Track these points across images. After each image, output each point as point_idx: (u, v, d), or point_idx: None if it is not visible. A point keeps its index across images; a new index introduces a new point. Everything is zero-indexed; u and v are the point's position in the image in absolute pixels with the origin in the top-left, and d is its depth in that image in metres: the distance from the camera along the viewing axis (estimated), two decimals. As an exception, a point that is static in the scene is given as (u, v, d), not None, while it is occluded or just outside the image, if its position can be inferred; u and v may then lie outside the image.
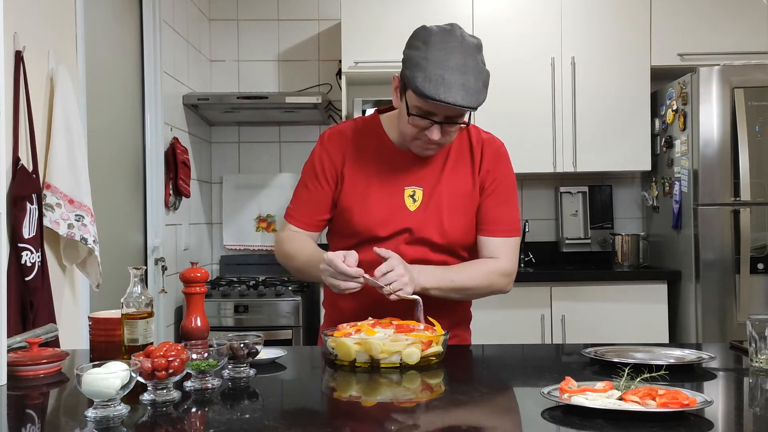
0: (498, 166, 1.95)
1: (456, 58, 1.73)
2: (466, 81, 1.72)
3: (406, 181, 1.90)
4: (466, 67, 1.73)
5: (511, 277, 1.95)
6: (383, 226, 1.89)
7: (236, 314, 3.73)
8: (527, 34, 4.07)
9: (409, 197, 1.90)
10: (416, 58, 1.74)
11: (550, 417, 1.22)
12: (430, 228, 1.89)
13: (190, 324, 1.68)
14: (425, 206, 1.90)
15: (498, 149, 1.97)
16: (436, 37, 1.75)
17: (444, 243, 1.90)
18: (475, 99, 1.74)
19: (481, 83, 1.77)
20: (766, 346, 1.54)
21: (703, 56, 3.99)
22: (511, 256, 1.93)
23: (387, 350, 1.58)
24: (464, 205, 1.91)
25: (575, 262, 4.36)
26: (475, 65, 1.76)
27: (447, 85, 1.70)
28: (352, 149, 1.94)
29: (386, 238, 1.89)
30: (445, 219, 1.89)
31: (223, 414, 1.30)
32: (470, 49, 1.77)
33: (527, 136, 4.05)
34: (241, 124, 4.50)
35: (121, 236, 3.24)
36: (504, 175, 1.95)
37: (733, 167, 3.63)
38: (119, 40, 3.30)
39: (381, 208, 1.89)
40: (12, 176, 2.17)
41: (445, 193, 1.90)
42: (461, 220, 1.91)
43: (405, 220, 1.89)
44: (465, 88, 1.72)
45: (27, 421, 1.34)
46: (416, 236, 1.89)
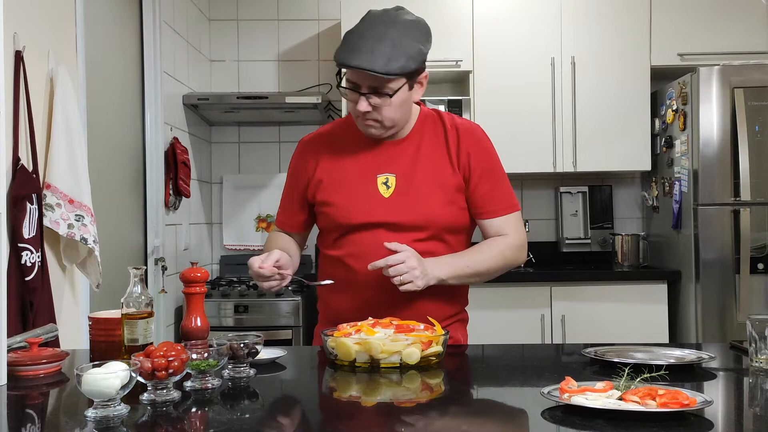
0: (479, 149, 1.95)
1: (374, 28, 1.79)
2: (377, 47, 1.75)
3: (378, 169, 1.93)
4: (384, 36, 1.77)
5: (524, 248, 1.98)
6: (359, 215, 1.90)
7: (236, 314, 3.73)
8: (527, 34, 4.07)
9: (382, 184, 1.91)
10: (346, 35, 1.82)
11: (550, 417, 1.22)
12: (406, 212, 1.89)
13: (190, 324, 1.68)
14: (399, 192, 1.90)
15: (475, 132, 1.98)
16: (372, 14, 1.83)
17: (423, 227, 1.89)
18: (381, 63, 1.75)
19: (401, 53, 1.77)
20: (766, 346, 1.54)
21: (702, 56, 3.99)
22: (517, 228, 1.96)
23: (387, 350, 1.58)
24: (443, 189, 1.91)
25: (575, 262, 4.36)
26: (397, 36, 1.78)
27: (355, 51, 1.76)
28: (326, 149, 1.99)
29: (365, 227, 1.90)
30: (420, 202, 1.89)
31: (223, 414, 1.30)
32: (401, 24, 1.80)
33: (527, 136, 4.05)
34: (241, 124, 4.50)
35: (121, 236, 3.24)
36: (487, 157, 1.96)
37: (733, 167, 3.63)
38: (119, 40, 3.30)
39: (356, 197, 1.91)
40: (12, 176, 2.17)
41: (420, 178, 1.90)
42: (440, 203, 1.90)
43: (380, 207, 1.90)
44: (372, 53, 1.75)
45: (27, 421, 1.34)
46: (393, 222, 1.89)
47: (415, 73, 1.85)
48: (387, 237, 1.87)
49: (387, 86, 1.81)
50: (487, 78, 4.07)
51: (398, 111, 1.87)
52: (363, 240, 1.90)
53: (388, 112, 1.85)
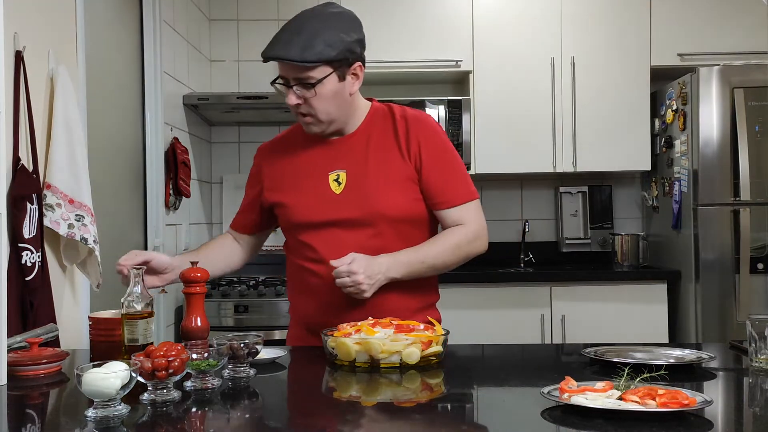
0: (429, 139, 1.93)
1: (296, 21, 1.81)
2: (294, 37, 1.78)
3: (329, 166, 1.93)
4: (302, 27, 1.79)
5: (483, 238, 1.95)
6: (313, 212, 1.90)
7: (236, 314, 3.73)
8: (527, 34, 4.07)
9: (333, 181, 1.91)
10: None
11: (550, 417, 1.22)
12: (358, 207, 1.88)
13: (190, 324, 1.68)
14: (350, 187, 1.90)
15: (425, 123, 1.96)
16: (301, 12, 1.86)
17: (377, 221, 1.87)
18: (296, 52, 1.77)
19: (318, 41, 1.78)
20: (766, 346, 1.54)
21: (702, 56, 3.99)
22: (475, 217, 1.93)
23: (387, 350, 1.58)
24: (395, 181, 1.89)
25: (575, 262, 4.36)
26: (314, 26, 1.79)
27: (273, 42, 1.80)
28: (280, 153, 2.01)
29: (320, 225, 1.90)
30: (372, 195, 1.87)
31: (223, 414, 1.30)
32: (324, 16, 1.82)
33: (527, 136, 4.05)
34: (241, 124, 4.50)
35: (121, 236, 3.24)
36: (439, 146, 1.94)
37: (733, 167, 3.63)
38: (119, 40, 3.30)
39: (309, 196, 1.92)
40: (12, 176, 2.17)
41: (370, 172, 1.89)
42: (393, 196, 1.88)
43: (332, 204, 1.89)
44: (289, 43, 1.77)
45: (27, 421, 1.35)
46: (347, 218, 1.88)
47: (342, 63, 1.83)
48: (342, 235, 1.87)
49: (309, 75, 1.81)
50: (487, 78, 4.07)
51: (330, 103, 1.85)
52: (319, 239, 1.89)
53: (318, 103, 1.84)
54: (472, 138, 4.04)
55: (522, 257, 4.36)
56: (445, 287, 2.07)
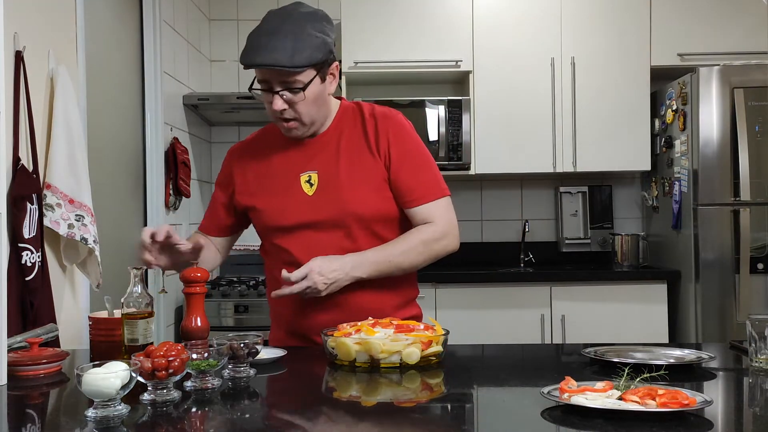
0: (398, 136, 1.91)
1: (271, 24, 1.79)
2: (275, 41, 1.75)
3: (301, 168, 1.91)
4: (280, 30, 1.76)
5: (452, 236, 1.92)
6: (286, 215, 1.89)
7: (236, 314, 3.73)
8: (527, 34, 4.07)
9: (305, 183, 1.90)
10: (248, 36, 1.81)
11: (550, 417, 1.22)
12: (330, 208, 1.86)
13: (190, 324, 1.68)
14: (322, 188, 1.88)
15: (393, 120, 1.93)
16: (270, 12, 1.83)
17: (352, 221, 1.86)
18: (286, 58, 1.74)
19: (304, 44, 1.76)
20: (766, 346, 1.54)
21: (702, 56, 3.99)
22: (443, 215, 1.90)
23: (387, 350, 1.58)
24: (366, 181, 1.88)
25: (575, 262, 4.36)
26: (294, 28, 1.77)
27: (256, 49, 1.76)
28: (251, 155, 1.99)
29: (294, 228, 1.89)
30: (344, 195, 1.86)
31: (223, 414, 1.30)
32: (296, 16, 1.79)
33: (527, 136, 4.05)
34: (241, 124, 4.50)
35: (121, 236, 3.24)
36: (407, 144, 1.91)
37: (733, 167, 3.64)
38: (119, 40, 3.30)
39: (280, 198, 1.90)
40: (12, 176, 2.17)
41: (342, 172, 1.88)
42: (364, 195, 1.87)
43: (304, 205, 1.88)
44: (275, 48, 1.74)
45: (27, 421, 1.35)
46: (320, 220, 1.87)
47: (324, 65, 1.82)
48: (316, 236, 1.86)
49: (297, 80, 1.79)
50: (487, 78, 4.07)
51: (314, 106, 1.85)
52: (293, 242, 1.88)
53: (303, 107, 1.83)
54: (472, 138, 4.04)
55: (522, 257, 4.36)
56: (445, 287, 2.07)
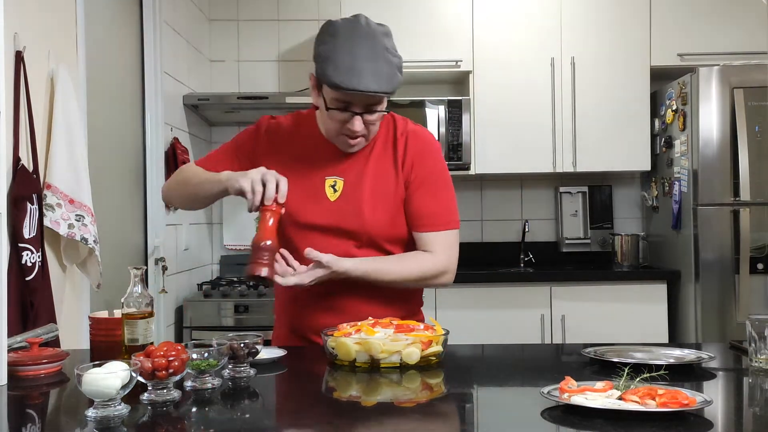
0: (424, 158, 1.89)
1: (364, 45, 1.74)
2: (377, 67, 1.72)
3: (328, 171, 1.90)
4: (375, 54, 1.74)
5: (450, 273, 1.91)
6: (304, 214, 1.88)
7: (236, 314, 3.73)
8: (527, 34, 4.08)
9: (329, 187, 1.89)
10: (325, 53, 1.77)
11: (550, 417, 1.22)
12: (349, 218, 1.86)
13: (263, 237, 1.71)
14: (345, 197, 1.87)
15: (424, 141, 1.92)
16: (342, 28, 1.78)
17: (364, 235, 1.86)
18: (387, 84, 1.74)
19: (395, 68, 1.76)
20: (765, 346, 1.54)
21: (702, 56, 3.99)
22: (445, 249, 1.88)
23: (387, 350, 1.58)
24: (386, 197, 1.87)
25: (575, 262, 4.36)
26: (383, 51, 1.75)
27: (358, 73, 1.71)
28: (282, 141, 1.95)
29: (307, 227, 1.87)
30: (365, 210, 1.86)
31: (223, 414, 1.30)
32: (377, 35, 1.77)
33: (527, 136, 4.05)
34: (241, 124, 4.50)
35: (121, 236, 3.24)
36: (431, 167, 1.90)
37: (733, 167, 3.64)
38: (119, 40, 3.30)
39: (301, 195, 1.88)
40: (12, 176, 2.17)
41: (367, 185, 1.87)
42: (383, 212, 1.87)
43: (324, 210, 1.87)
44: (376, 74, 1.72)
45: (27, 420, 1.35)
46: (336, 227, 1.86)
47: None
48: (327, 241, 1.84)
49: (382, 103, 1.79)
50: (487, 78, 4.07)
51: (380, 123, 1.86)
52: (305, 241, 1.86)
53: (375, 126, 1.84)
54: (472, 138, 4.04)
55: (522, 257, 4.36)
56: (445, 287, 2.06)
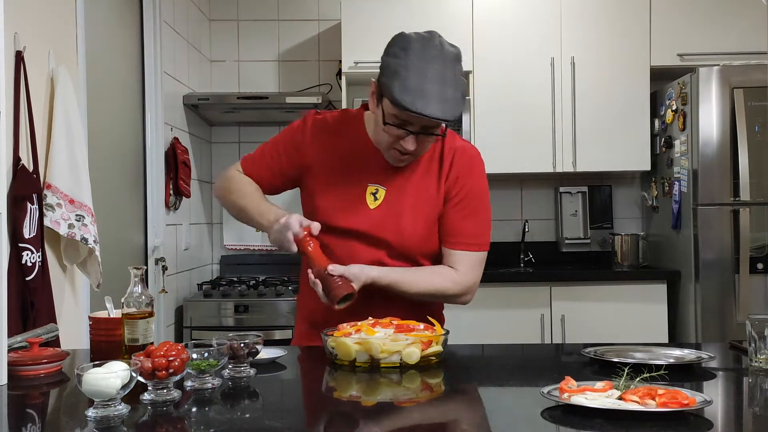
0: (468, 176, 1.89)
1: (435, 67, 1.70)
2: (444, 92, 1.69)
3: (371, 178, 1.88)
4: (445, 78, 1.70)
5: (470, 294, 1.90)
6: (341, 218, 1.87)
7: (236, 314, 3.73)
8: (527, 34, 4.07)
9: (371, 194, 1.88)
10: (394, 66, 1.70)
11: (550, 417, 1.22)
12: (386, 229, 1.86)
13: None
14: (385, 206, 1.87)
15: (471, 159, 1.91)
16: (415, 44, 1.72)
17: (399, 247, 1.86)
18: (452, 111, 1.70)
19: (460, 94, 1.73)
20: (765, 346, 1.54)
21: (702, 56, 3.99)
22: (471, 269, 1.87)
23: (387, 350, 1.58)
24: (426, 212, 1.87)
25: (575, 262, 4.36)
26: (453, 76, 1.72)
27: (425, 97, 1.67)
28: (328, 139, 1.92)
29: (343, 232, 1.87)
30: (403, 222, 1.85)
31: (223, 414, 1.30)
32: (449, 59, 1.73)
33: (527, 135, 4.05)
34: (242, 124, 4.50)
35: (121, 236, 3.24)
36: (472, 186, 1.89)
37: (733, 167, 3.64)
38: (119, 40, 3.30)
39: (342, 199, 1.88)
40: (12, 176, 2.17)
41: (408, 197, 1.87)
42: (420, 225, 1.87)
43: (362, 217, 1.87)
44: (443, 100, 1.68)
45: (27, 420, 1.35)
46: (372, 235, 1.86)
47: None
48: (362, 248, 1.85)
49: (440, 126, 1.77)
50: (486, 78, 4.07)
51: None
52: (339, 245, 1.87)
53: (427, 146, 1.83)
54: (472, 138, 4.04)
55: (522, 257, 4.36)
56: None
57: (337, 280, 1.72)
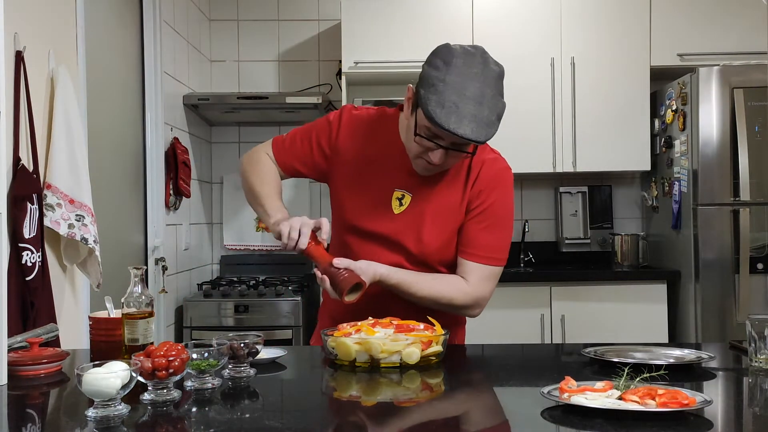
0: (492, 189, 1.86)
1: (474, 86, 1.66)
2: (480, 113, 1.65)
3: (398, 183, 1.87)
4: (483, 98, 1.67)
5: (478, 309, 1.88)
6: (365, 219, 1.87)
7: (236, 314, 3.73)
8: (527, 34, 4.07)
9: (396, 199, 1.88)
10: (433, 79, 1.67)
11: (550, 417, 1.22)
12: (408, 235, 1.85)
13: None
14: (409, 212, 1.86)
15: (498, 172, 1.88)
16: (459, 59, 1.68)
17: (419, 254, 1.86)
18: (485, 133, 1.66)
19: (495, 116, 1.69)
20: (765, 346, 1.54)
21: (702, 56, 3.99)
22: (482, 282, 1.85)
23: (387, 350, 1.58)
24: (448, 221, 1.86)
25: (575, 262, 4.36)
26: (492, 96, 1.69)
27: (459, 115, 1.64)
28: (361, 137, 1.91)
29: (366, 234, 1.87)
30: (424, 230, 1.85)
31: (223, 414, 1.30)
32: (491, 77, 1.71)
33: (527, 136, 4.05)
34: (241, 124, 4.50)
35: (121, 236, 3.24)
36: (496, 200, 1.86)
37: (733, 167, 3.64)
38: (119, 40, 3.30)
39: (367, 201, 1.88)
40: (12, 176, 2.17)
41: (431, 205, 1.86)
42: (441, 234, 1.86)
43: (386, 221, 1.87)
44: (477, 121, 1.65)
45: (27, 420, 1.35)
46: (393, 240, 1.86)
47: None
48: (381, 251, 1.85)
49: (470, 145, 1.75)
50: (487, 78, 4.06)
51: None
52: (361, 246, 1.87)
53: (455, 161, 1.81)
54: (472, 138, 4.03)
55: (522, 257, 4.36)
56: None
57: (343, 273, 1.72)
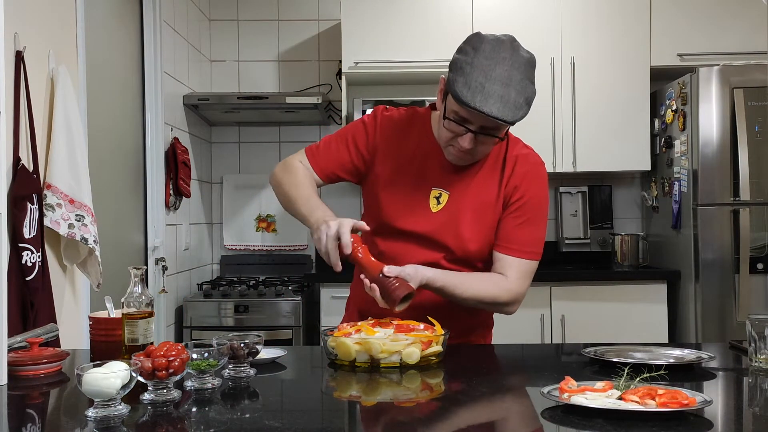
0: (528, 184, 1.87)
1: (501, 68, 1.68)
2: (506, 93, 1.67)
3: (435, 181, 1.88)
4: (510, 80, 1.68)
5: (516, 305, 1.88)
6: (402, 219, 1.87)
7: (236, 314, 3.73)
8: (527, 34, 4.04)
9: (434, 198, 1.88)
10: (461, 63, 1.70)
11: (550, 417, 1.22)
12: (447, 233, 1.86)
13: None
14: (447, 211, 1.87)
15: (532, 167, 1.90)
16: (487, 45, 1.71)
17: (458, 251, 1.86)
18: (511, 113, 1.68)
19: (523, 99, 1.71)
20: (765, 346, 1.54)
21: (702, 56, 3.99)
22: (520, 277, 1.85)
23: (387, 350, 1.58)
24: (486, 218, 1.87)
25: (575, 262, 4.36)
26: (520, 80, 1.70)
27: (485, 94, 1.66)
28: (395, 137, 1.91)
29: (404, 234, 1.87)
30: (463, 227, 1.85)
31: (223, 414, 1.30)
32: (520, 62, 1.72)
33: (527, 136, 3.99)
34: (241, 124, 4.50)
35: (121, 236, 3.24)
36: (531, 195, 1.88)
37: (733, 167, 3.64)
38: (119, 40, 3.30)
39: (405, 201, 1.87)
40: (12, 176, 2.17)
41: (469, 202, 1.86)
42: (480, 231, 1.86)
43: (424, 220, 1.87)
44: (503, 101, 1.67)
45: (27, 420, 1.35)
46: (432, 239, 1.86)
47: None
48: (420, 251, 1.85)
49: (500, 129, 1.75)
50: (487, 78, 4.06)
51: (493, 147, 1.84)
52: (398, 245, 1.87)
53: (486, 148, 1.82)
54: (472, 138, 4.03)
55: (522, 257, 4.35)
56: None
57: (394, 282, 1.67)
